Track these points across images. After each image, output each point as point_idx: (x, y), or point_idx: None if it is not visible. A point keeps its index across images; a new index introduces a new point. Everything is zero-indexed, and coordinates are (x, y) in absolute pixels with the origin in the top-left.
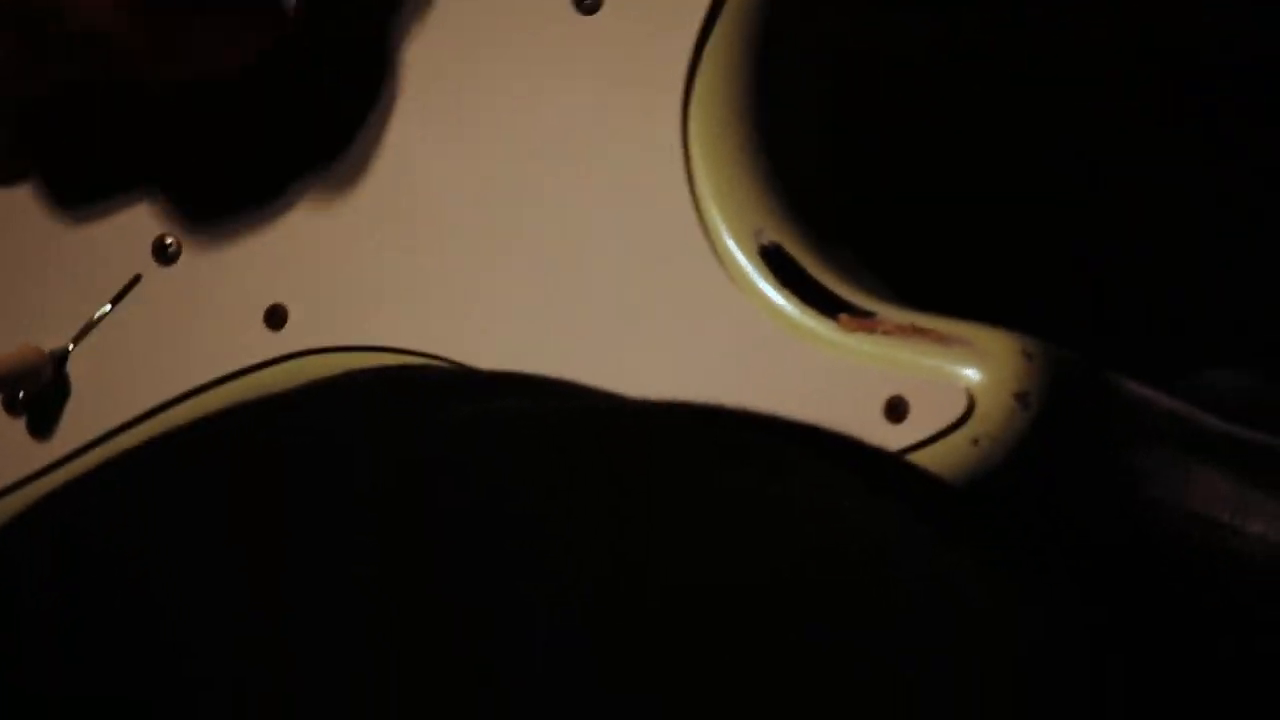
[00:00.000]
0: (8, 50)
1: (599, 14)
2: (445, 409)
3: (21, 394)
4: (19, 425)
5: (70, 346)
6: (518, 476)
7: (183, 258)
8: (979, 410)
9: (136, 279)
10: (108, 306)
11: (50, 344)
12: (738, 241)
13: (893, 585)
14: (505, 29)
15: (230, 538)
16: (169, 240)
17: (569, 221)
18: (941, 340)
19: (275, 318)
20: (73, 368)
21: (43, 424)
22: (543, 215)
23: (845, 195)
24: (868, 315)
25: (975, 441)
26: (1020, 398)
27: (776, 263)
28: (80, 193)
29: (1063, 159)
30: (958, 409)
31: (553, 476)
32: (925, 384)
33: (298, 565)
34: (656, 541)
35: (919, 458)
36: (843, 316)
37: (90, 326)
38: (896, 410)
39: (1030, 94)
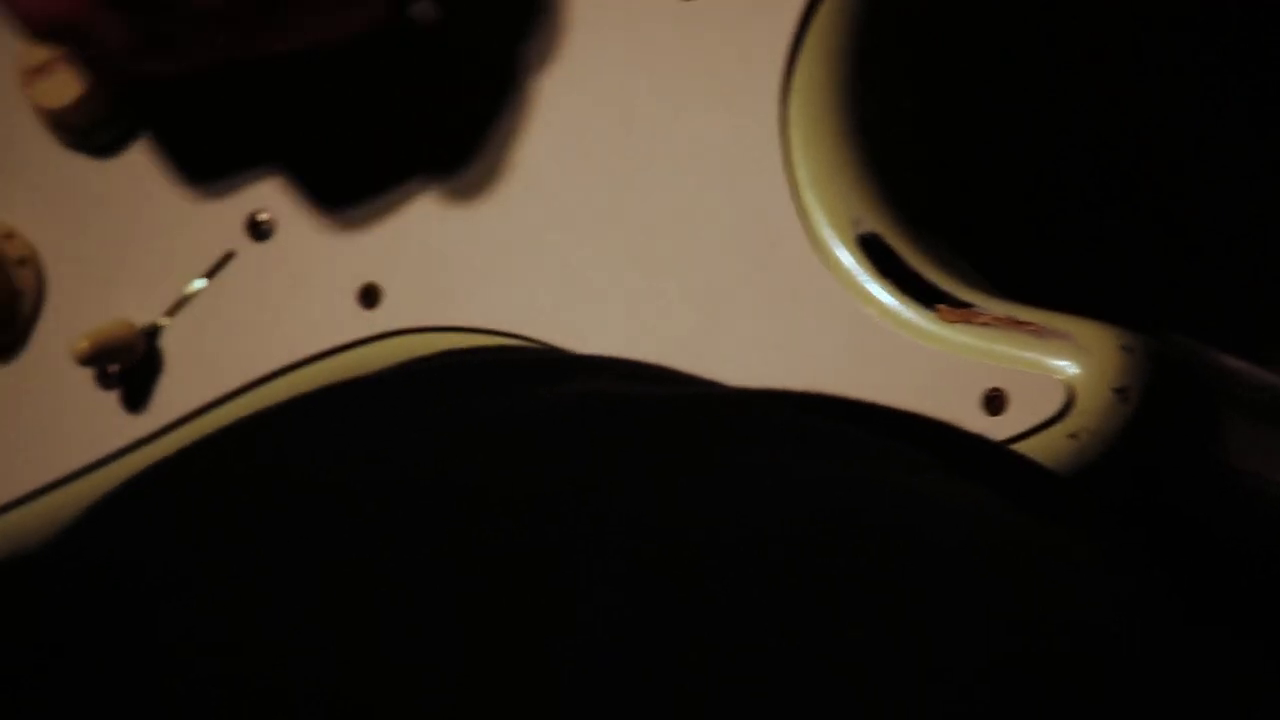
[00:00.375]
0: (120, 35)
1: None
2: (536, 391)
3: (114, 368)
4: (111, 399)
5: (163, 321)
6: (603, 457)
7: (277, 234)
8: (1078, 404)
9: (230, 255)
10: (201, 281)
11: (143, 318)
12: (836, 230)
13: (958, 561)
14: (610, 16)
15: (293, 544)
16: (263, 216)
17: (667, 207)
18: (1040, 333)
19: (369, 296)
20: (165, 342)
21: (135, 398)
22: (641, 200)
23: (945, 185)
24: (966, 306)
25: (1073, 436)
26: (1120, 392)
27: (875, 252)
28: (175, 166)
29: (1162, 147)
30: (1056, 403)
31: (632, 457)
32: (1024, 377)
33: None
34: (717, 512)
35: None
36: (941, 307)
37: (183, 301)
38: (994, 403)
39: (1132, 82)
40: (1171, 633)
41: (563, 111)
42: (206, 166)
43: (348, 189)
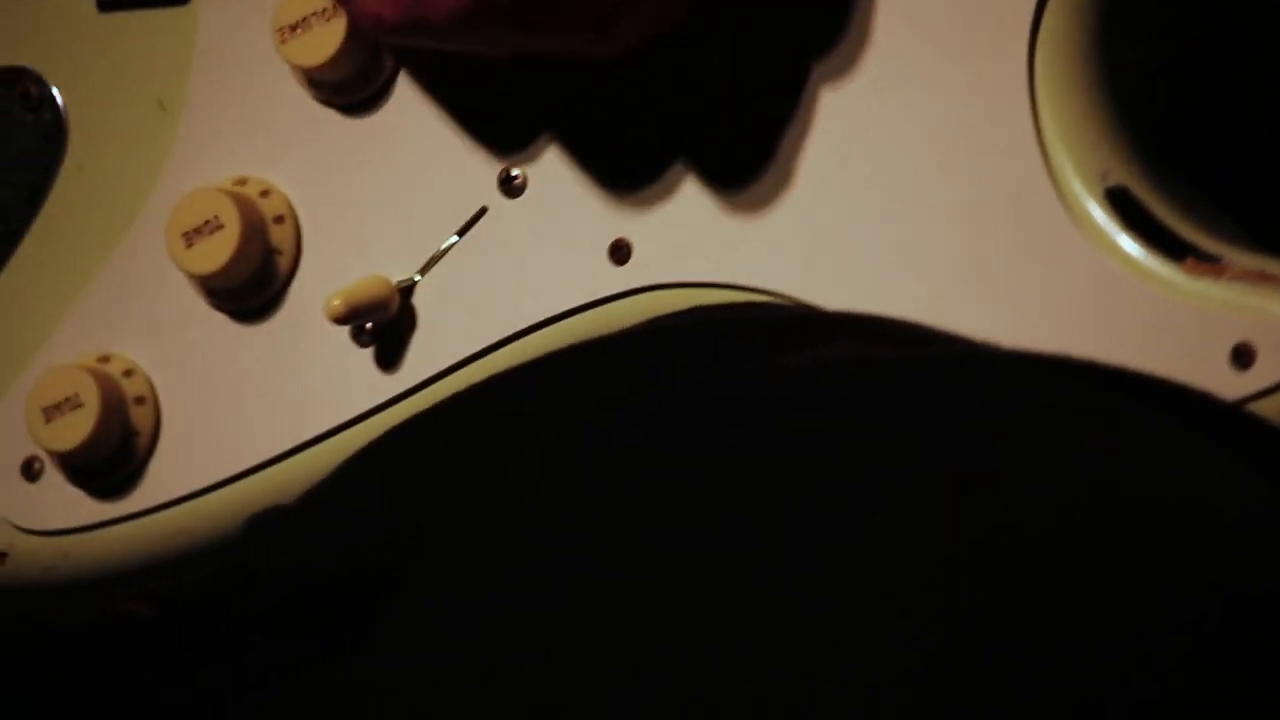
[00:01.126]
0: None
1: None
2: (782, 353)
3: (369, 325)
4: (366, 356)
5: (417, 278)
6: (846, 423)
7: (529, 191)
8: None
9: (483, 211)
10: (454, 238)
11: (397, 275)
12: (1083, 183)
13: (1211, 532)
14: None
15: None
16: (516, 173)
17: (913, 161)
18: None
19: (620, 252)
20: (419, 299)
21: (389, 355)
22: (888, 153)
23: (1197, 135)
24: (1214, 260)
25: None
26: None
27: (1123, 205)
28: (429, 123)
29: None
30: None
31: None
32: (1273, 330)
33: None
34: (958, 490)
35: (1262, 405)
36: (1189, 260)
37: (437, 258)
38: (1243, 357)
39: None
40: None
41: (811, 67)
42: (460, 124)
43: (599, 145)
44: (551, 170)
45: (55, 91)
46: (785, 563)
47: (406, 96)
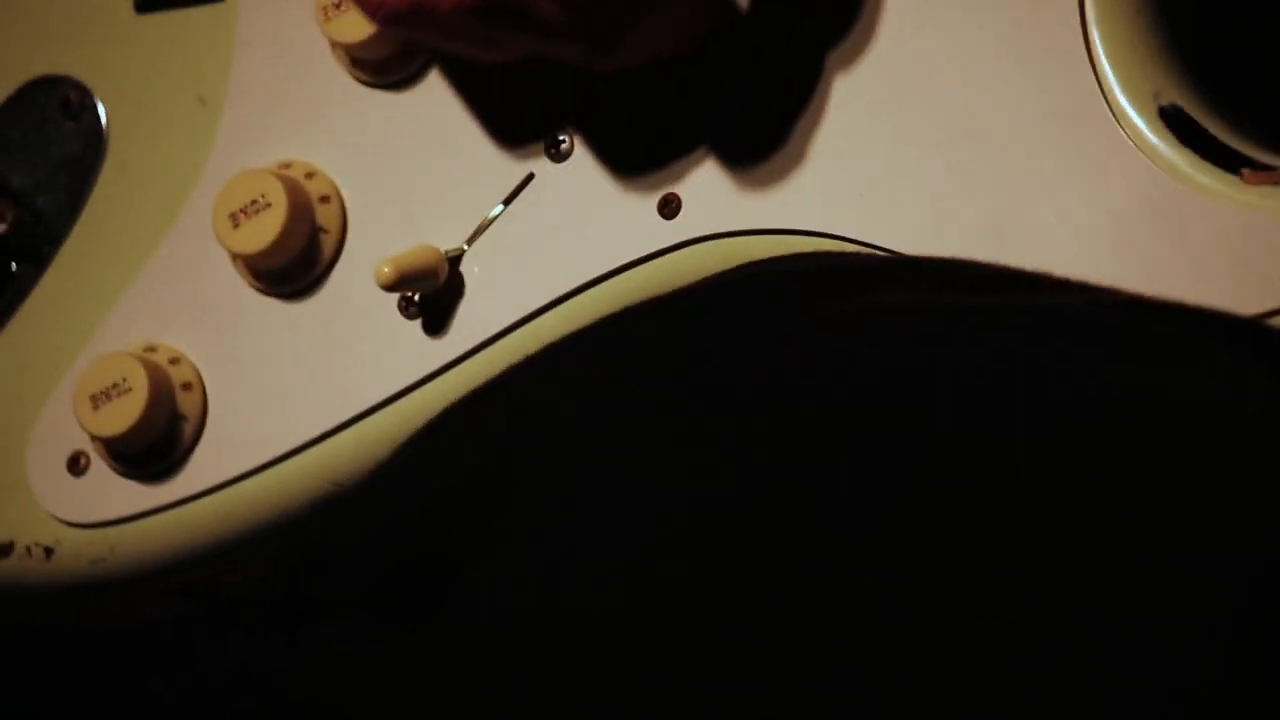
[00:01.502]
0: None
1: None
2: (844, 301)
3: (416, 296)
4: (414, 326)
5: (465, 247)
6: (908, 373)
7: (575, 154)
8: None
9: (529, 178)
10: (500, 207)
11: (445, 245)
12: (1135, 102)
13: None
14: None
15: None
16: (562, 138)
17: (965, 90)
18: None
19: (669, 206)
20: (467, 267)
21: (437, 324)
22: (938, 84)
23: (1246, 56)
24: (1270, 169)
25: None
26: None
27: (1176, 123)
28: (472, 95)
29: None
30: None
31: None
32: None
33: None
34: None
35: None
36: (1245, 171)
37: (484, 227)
38: None
39: None
40: None
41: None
42: (502, 93)
43: (642, 101)
44: (597, 131)
45: (95, 96)
46: (824, 529)
47: (448, 70)
